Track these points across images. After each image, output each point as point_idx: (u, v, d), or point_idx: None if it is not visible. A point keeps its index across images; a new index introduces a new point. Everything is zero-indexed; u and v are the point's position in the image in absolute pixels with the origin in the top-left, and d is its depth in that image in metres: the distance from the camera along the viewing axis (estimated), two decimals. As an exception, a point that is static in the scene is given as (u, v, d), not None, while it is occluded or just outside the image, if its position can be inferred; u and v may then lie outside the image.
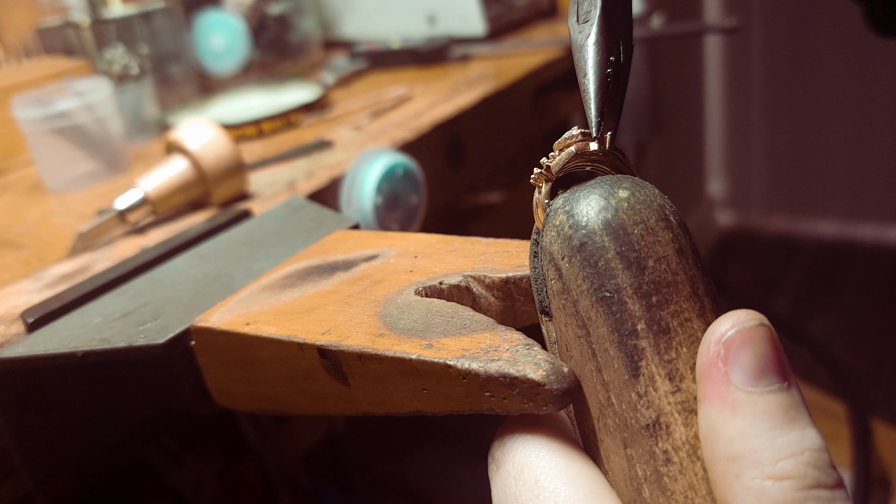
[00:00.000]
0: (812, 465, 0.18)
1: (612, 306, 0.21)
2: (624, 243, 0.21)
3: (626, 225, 0.21)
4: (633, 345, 0.21)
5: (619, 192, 0.22)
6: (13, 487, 0.37)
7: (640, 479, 0.21)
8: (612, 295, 0.21)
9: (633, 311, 0.21)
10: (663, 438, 0.20)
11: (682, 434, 0.20)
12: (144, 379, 0.36)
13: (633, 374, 0.21)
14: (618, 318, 0.21)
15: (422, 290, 0.27)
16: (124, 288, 0.39)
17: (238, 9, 0.85)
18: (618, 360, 0.21)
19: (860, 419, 0.91)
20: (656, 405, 0.21)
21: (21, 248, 0.51)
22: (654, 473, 0.21)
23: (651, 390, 0.21)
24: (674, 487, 0.20)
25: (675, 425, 0.20)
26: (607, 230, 0.21)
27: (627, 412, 0.21)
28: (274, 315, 0.29)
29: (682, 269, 0.21)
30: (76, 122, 0.60)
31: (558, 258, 0.22)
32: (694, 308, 0.21)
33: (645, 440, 0.21)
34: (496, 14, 0.92)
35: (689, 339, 0.21)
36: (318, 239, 0.37)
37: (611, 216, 0.21)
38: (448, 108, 0.66)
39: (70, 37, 0.76)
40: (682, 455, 0.20)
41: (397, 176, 0.54)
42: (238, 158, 0.52)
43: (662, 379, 0.21)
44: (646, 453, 0.21)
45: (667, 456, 0.20)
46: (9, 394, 0.36)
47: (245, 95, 0.81)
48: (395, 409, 0.25)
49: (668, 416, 0.20)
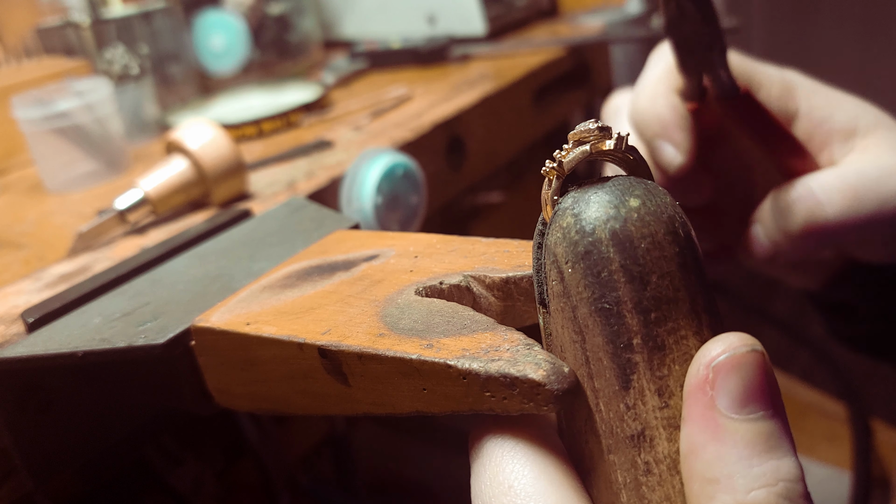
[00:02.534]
0: (784, 496, 0.19)
1: (611, 318, 0.21)
2: (629, 256, 0.21)
3: (633, 237, 0.21)
4: (627, 358, 0.21)
5: (630, 201, 0.21)
6: (13, 487, 0.37)
7: (620, 485, 0.21)
8: (612, 307, 0.21)
9: (630, 326, 0.21)
10: (646, 450, 0.21)
11: (664, 448, 0.21)
12: (144, 379, 0.36)
13: (623, 386, 0.21)
14: (615, 331, 0.21)
15: (422, 290, 0.27)
16: (124, 288, 0.39)
17: (238, 9, 0.85)
18: (610, 371, 0.21)
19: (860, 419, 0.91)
20: (643, 418, 0.21)
21: (21, 248, 0.51)
22: (633, 481, 0.21)
23: (640, 403, 0.21)
24: (651, 497, 0.21)
25: (659, 439, 0.21)
26: (614, 241, 0.21)
27: (614, 421, 0.21)
28: (274, 315, 0.29)
29: (685, 285, 0.21)
30: (76, 122, 0.60)
31: (562, 261, 0.22)
32: (691, 326, 0.21)
33: (628, 449, 0.21)
34: (496, 14, 0.92)
35: (682, 356, 0.21)
36: (318, 239, 0.37)
37: (619, 227, 0.21)
38: (448, 108, 0.66)
39: (70, 37, 0.76)
40: (663, 468, 0.21)
41: (397, 176, 0.54)
42: (238, 158, 0.52)
43: (652, 394, 0.21)
44: (627, 461, 0.21)
45: (647, 467, 0.21)
46: (9, 394, 0.36)
47: (245, 95, 0.81)
48: (396, 410, 0.25)
49: (654, 430, 0.21)
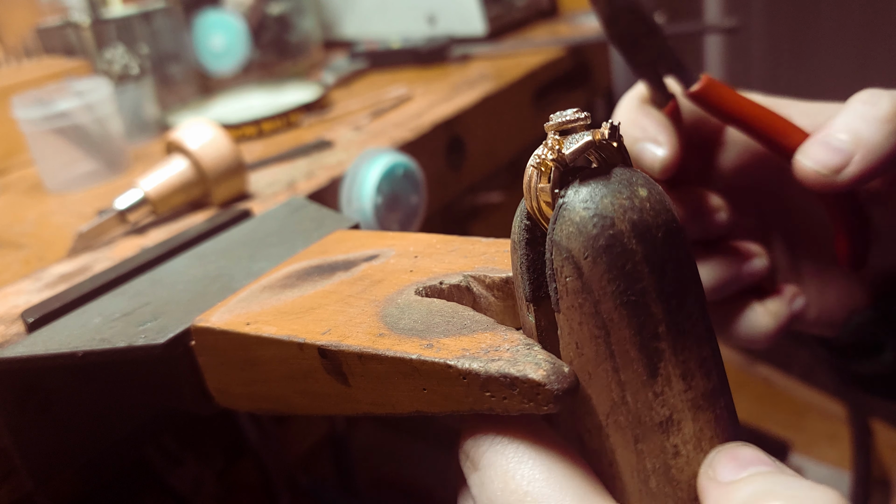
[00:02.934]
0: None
1: (637, 310, 0.21)
2: (650, 246, 0.21)
3: (650, 227, 0.21)
4: (654, 347, 0.21)
5: (639, 191, 0.21)
6: (13, 487, 0.37)
7: (649, 471, 0.21)
8: (638, 299, 0.21)
9: (656, 315, 0.21)
10: (674, 434, 0.21)
11: (690, 429, 0.21)
12: (144, 379, 0.36)
13: (651, 374, 0.21)
14: (641, 322, 0.21)
15: (422, 289, 0.27)
16: (124, 288, 0.39)
17: (238, 9, 0.85)
18: (638, 362, 0.21)
19: (860, 419, 0.91)
20: (671, 403, 0.21)
21: (21, 248, 0.51)
22: (662, 466, 0.21)
23: (667, 389, 0.21)
24: (680, 478, 0.21)
25: (686, 421, 0.21)
26: (635, 232, 0.21)
27: (642, 410, 0.21)
28: (274, 315, 0.29)
29: (691, 270, 0.22)
30: (76, 122, 0.60)
31: (579, 256, 0.21)
32: (696, 307, 0.22)
33: (657, 436, 0.21)
34: (496, 14, 0.92)
35: (697, 338, 0.21)
36: (318, 239, 0.37)
37: (637, 218, 0.21)
38: (448, 108, 0.66)
39: (70, 37, 0.76)
40: (689, 448, 0.21)
41: (397, 176, 0.54)
42: (238, 158, 0.52)
43: (677, 379, 0.21)
44: (657, 448, 0.21)
45: (676, 450, 0.21)
46: (9, 394, 0.36)
47: (245, 95, 0.81)
48: (396, 410, 0.25)
49: (681, 412, 0.21)
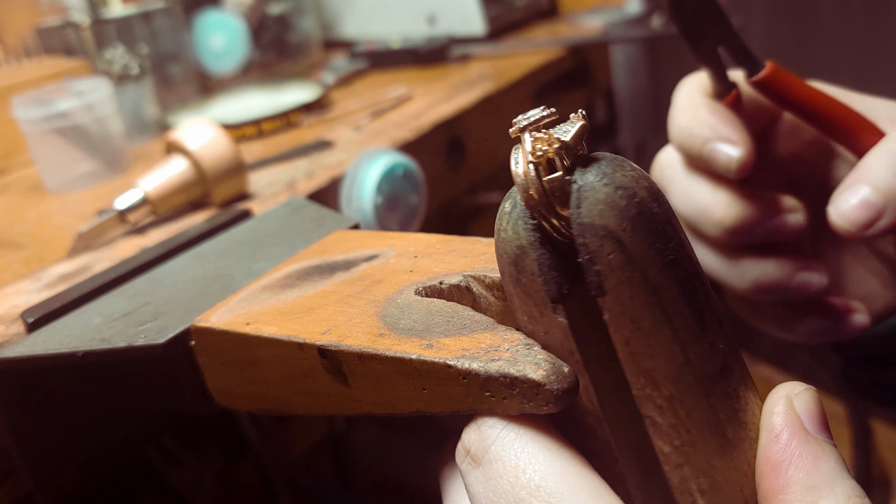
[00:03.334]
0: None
1: (677, 267, 0.21)
2: (665, 206, 0.22)
3: (657, 189, 0.22)
4: (696, 299, 0.22)
5: (627, 164, 0.22)
6: (13, 487, 0.37)
7: (724, 422, 0.22)
8: (675, 256, 0.21)
9: (688, 269, 0.22)
10: (730, 378, 0.22)
11: (738, 371, 0.22)
12: (144, 379, 0.36)
13: (701, 326, 0.22)
14: (683, 277, 0.21)
15: (422, 289, 0.27)
16: (124, 288, 0.39)
17: (238, 9, 0.85)
18: (689, 317, 0.21)
19: (860, 420, 0.91)
20: (720, 350, 0.22)
21: (21, 248, 0.51)
22: (731, 411, 0.22)
23: (714, 337, 0.22)
24: (745, 419, 0.22)
25: (733, 363, 0.22)
26: (651, 196, 0.21)
27: (704, 364, 0.22)
28: (274, 315, 0.29)
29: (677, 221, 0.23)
30: (76, 122, 0.60)
31: (617, 230, 0.21)
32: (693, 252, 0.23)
33: (720, 385, 0.22)
34: (496, 14, 0.92)
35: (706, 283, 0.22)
36: (318, 239, 0.37)
37: (647, 184, 0.22)
38: (448, 108, 0.66)
39: (70, 37, 0.76)
40: (742, 388, 0.22)
41: (397, 176, 0.54)
42: (238, 158, 0.52)
43: (717, 324, 0.22)
44: (723, 396, 0.22)
45: (736, 392, 0.22)
46: (9, 393, 0.36)
47: (245, 95, 0.81)
48: (396, 410, 0.25)
49: (727, 356, 0.22)
